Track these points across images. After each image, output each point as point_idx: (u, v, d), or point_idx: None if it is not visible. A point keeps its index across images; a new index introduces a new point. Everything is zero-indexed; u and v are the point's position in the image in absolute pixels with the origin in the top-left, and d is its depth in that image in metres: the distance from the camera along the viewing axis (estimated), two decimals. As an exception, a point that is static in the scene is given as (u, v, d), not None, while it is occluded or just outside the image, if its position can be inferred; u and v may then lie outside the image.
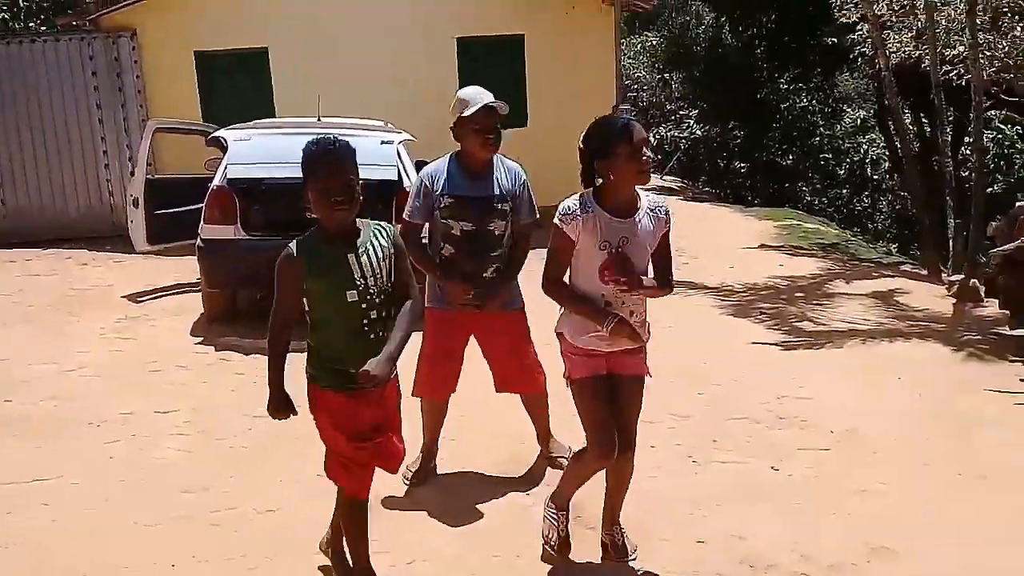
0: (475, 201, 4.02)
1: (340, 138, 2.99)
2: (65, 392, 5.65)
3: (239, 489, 4.18)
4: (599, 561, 3.54)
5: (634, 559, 3.48)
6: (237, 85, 11.66)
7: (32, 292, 8.60)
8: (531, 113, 12.22)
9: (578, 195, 3.26)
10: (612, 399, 3.35)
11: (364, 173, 3.07)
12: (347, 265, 2.97)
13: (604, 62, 12.57)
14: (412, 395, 4.04)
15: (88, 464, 4.49)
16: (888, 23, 11.83)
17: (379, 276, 3.02)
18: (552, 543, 3.53)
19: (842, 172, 23.87)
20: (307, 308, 3.03)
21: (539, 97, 12.35)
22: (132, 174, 8.82)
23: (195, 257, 7.15)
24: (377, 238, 3.07)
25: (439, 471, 4.35)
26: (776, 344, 6.84)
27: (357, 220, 3.06)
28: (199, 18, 11.56)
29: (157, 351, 6.60)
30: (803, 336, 7.09)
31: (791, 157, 23.16)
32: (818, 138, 23.10)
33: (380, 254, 3.04)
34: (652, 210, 3.29)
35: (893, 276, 10.16)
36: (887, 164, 23.44)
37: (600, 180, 3.21)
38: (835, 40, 16.58)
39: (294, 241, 3.01)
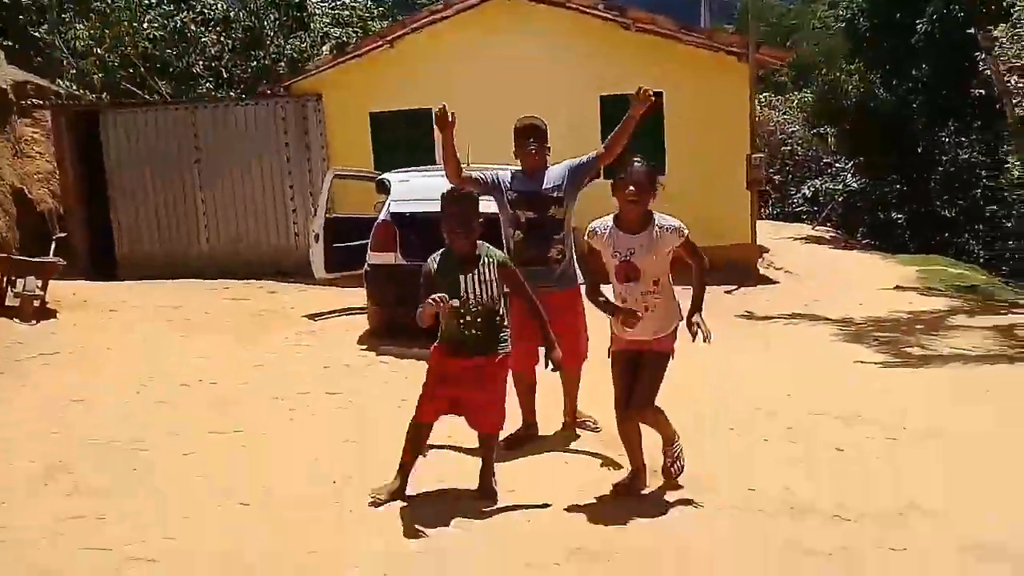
0: (530, 195, 5.08)
1: (466, 191, 4.27)
2: (256, 380, 6.96)
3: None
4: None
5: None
6: (404, 140, 13.25)
7: (231, 311, 10.19)
8: (669, 164, 13.04)
9: (606, 218, 4.31)
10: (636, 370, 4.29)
11: (486, 207, 4.38)
12: (457, 281, 4.07)
13: (739, 116, 13.21)
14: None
15: (272, 423, 5.72)
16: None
17: (477, 294, 4.09)
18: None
19: (1009, 224, 23.08)
20: None
21: (677, 149, 13.20)
22: (314, 214, 10.35)
23: (363, 282, 8.44)
24: (487, 265, 4.12)
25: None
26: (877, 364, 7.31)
27: (477, 246, 4.14)
28: (373, 85, 13.50)
29: (328, 355, 7.87)
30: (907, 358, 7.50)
31: (954, 209, 22.71)
32: (979, 189, 22.54)
33: (486, 276, 4.11)
34: (661, 227, 4.20)
35: (1022, 313, 10.22)
36: (1061, 217, 22.50)
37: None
38: (983, 92, 16.50)
39: (433, 256, 4.18)
